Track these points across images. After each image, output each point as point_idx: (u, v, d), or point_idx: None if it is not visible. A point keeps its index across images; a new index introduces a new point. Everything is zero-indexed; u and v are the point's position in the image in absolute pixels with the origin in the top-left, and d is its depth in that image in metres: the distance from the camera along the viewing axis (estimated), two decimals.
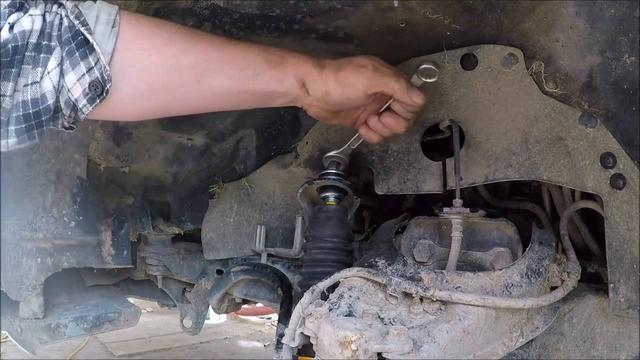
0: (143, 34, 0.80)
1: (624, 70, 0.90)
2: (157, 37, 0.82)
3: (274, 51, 0.93)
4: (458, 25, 1.03)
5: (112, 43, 0.76)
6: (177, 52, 0.83)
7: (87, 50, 0.74)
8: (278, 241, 1.54)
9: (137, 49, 0.79)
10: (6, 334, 1.44)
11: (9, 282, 1.29)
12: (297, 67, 0.94)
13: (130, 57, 0.79)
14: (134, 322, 1.66)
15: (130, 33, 0.78)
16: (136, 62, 0.80)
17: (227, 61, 0.87)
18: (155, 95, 0.85)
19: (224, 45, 0.88)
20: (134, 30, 0.79)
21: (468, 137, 1.12)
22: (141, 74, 0.81)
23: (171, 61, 0.82)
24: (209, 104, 0.93)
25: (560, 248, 1.12)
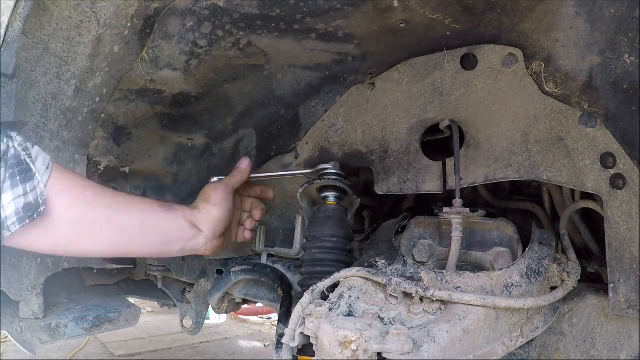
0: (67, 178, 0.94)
1: (624, 70, 0.90)
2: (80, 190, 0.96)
3: (164, 201, 1.15)
4: (458, 25, 1.03)
5: (45, 178, 0.87)
6: (93, 194, 0.98)
7: (27, 177, 0.83)
8: (278, 241, 1.54)
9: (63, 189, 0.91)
10: (6, 334, 1.44)
11: (9, 282, 1.29)
12: (182, 210, 1.13)
13: (58, 196, 0.90)
14: (134, 322, 1.66)
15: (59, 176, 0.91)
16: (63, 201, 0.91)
17: (130, 205, 1.05)
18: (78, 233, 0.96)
19: (126, 195, 1.11)
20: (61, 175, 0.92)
21: (468, 137, 1.12)
22: (68, 212, 0.93)
23: (89, 201, 0.96)
24: (116, 243, 1.05)
25: (560, 248, 1.12)
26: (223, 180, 1.25)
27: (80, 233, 0.96)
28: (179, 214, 1.12)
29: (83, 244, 0.98)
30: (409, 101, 1.20)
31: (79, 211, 0.94)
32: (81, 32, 1.01)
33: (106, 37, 1.04)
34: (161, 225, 1.08)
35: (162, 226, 1.08)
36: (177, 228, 1.11)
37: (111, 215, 0.99)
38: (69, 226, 0.93)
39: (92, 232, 0.97)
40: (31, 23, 0.94)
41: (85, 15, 0.99)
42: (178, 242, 1.12)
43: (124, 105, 1.28)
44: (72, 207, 0.93)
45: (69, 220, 0.93)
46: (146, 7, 1.03)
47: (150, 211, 1.07)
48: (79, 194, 0.95)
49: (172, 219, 1.10)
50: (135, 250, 1.08)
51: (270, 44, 1.13)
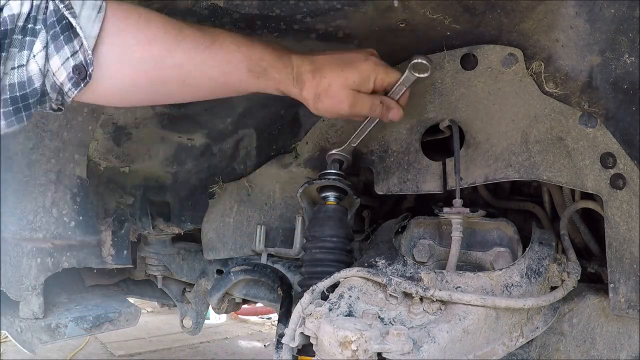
0: (127, 29, 0.81)
1: (624, 70, 0.90)
2: (142, 34, 0.83)
3: (258, 59, 0.93)
4: (458, 25, 1.03)
5: (97, 27, 0.77)
6: (161, 51, 0.84)
7: (72, 34, 0.75)
8: (278, 241, 1.54)
9: (122, 43, 0.80)
10: (6, 334, 1.44)
11: (9, 282, 1.29)
12: (278, 82, 0.97)
13: (115, 51, 0.80)
14: (134, 322, 1.66)
15: (116, 26, 0.79)
16: (120, 57, 0.81)
17: (210, 64, 0.89)
18: (139, 89, 0.86)
19: (209, 47, 0.88)
20: (120, 24, 0.80)
21: (468, 137, 1.12)
22: (125, 69, 0.82)
23: (155, 60, 0.84)
24: (192, 98, 0.97)
25: (560, 248, 1.12)
26: None
27: (143, 82, 0.85)
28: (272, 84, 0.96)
29: (148, 94, 0.89)
30: (409, 101, 1.20)
31: (141, 61, 0.83)
32: None
33: None
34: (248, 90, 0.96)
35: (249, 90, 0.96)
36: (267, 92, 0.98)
37: (184, 77, 0.88)
38: (130, 78, 0.83)
39: (158, 92, 0.88)
40: None
41: None
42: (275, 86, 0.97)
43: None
44: (133, 55, 0.82)
45: (129, 73, 0.83)
46: (146, 7, 1.03)
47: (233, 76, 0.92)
48: (142, 39, 0.82)
49: (262, 88, 0.97)
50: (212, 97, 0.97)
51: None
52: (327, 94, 0.97)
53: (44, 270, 1.36)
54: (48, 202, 1.31)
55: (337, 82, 0.96)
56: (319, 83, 0.96)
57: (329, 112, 1.01)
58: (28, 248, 1.33)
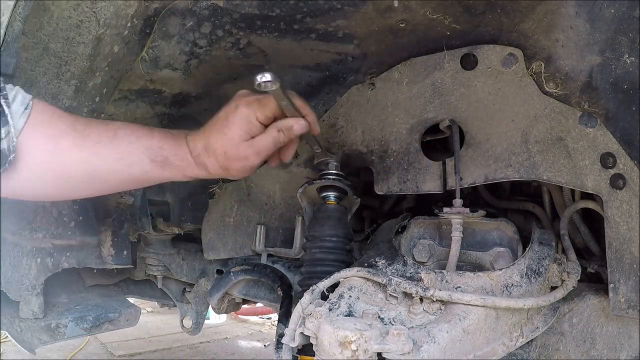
0: (44, 123, 0.85)
1: (624, 70, 0.90)
2: (54, 128, 0.87)
3: (158, 149, 0.95)
4: (458, 25, 1.03)
5: (22, 122, 0.81)
6: (69, 145, 0.87)
7: (1, 122, 0.78)
8: (278, 241, 1.54)
9: (35, 137, 0.84)
10: (6, 334, 1.44)
11: (9, 282, 1.29)
12: (183, 169, 0.98)
13: (29, 144, 0.83)
14: (134, 322, 1.66)
15: (35, 120, 0.83)
16: (34, 149, 0.84)
17: (114, 158, 0.91)
18: (46, 184, 0.89)
19: (112, 141, 0.91)
20: (38, 118, 0.84)
21: (468, 137, 1.12)
22: (36, 162, 0.85)
23: (62, 154, 0.87)
24: (100, 192, 0.99)
25: (560, 248, 1.12)
26: None
27: (49, 176, 0.88)
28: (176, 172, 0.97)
29: (57, 189, 0.92)
30: (409, 101, 1.20)
31: (49, 152, 0.85)
32: (81, 32, 1.01)
33: (106, 37, 1.04)
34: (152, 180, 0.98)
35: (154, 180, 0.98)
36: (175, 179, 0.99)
37: (91, 173, 0.90)
38: (40, 171, 0.86)
39: (67, 186, 0.91)
40: (31, 23, 0.94)
41: (85, 15, 0.99)
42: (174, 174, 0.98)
43: (124, 105, 1.28)
44: (45, 148, 0.85)
45: (39, 165, 0.85)
46: (146, 7, 1.03)
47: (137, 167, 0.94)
48: (54, 132, 0.86)
49: (167, 177, 0.98)
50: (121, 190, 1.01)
51: (270, 44, 1.12)
52: (230, 160, 0.96)
53: (44, 270, 1.36)
54: (48, 202, 1.31)
55: (228, 145, 0.95)
56: (216, 156, 0.96)
57: (244, 172, 1.00)
58: (28, 248, 1.33)
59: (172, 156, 0.96)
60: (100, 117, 1.26)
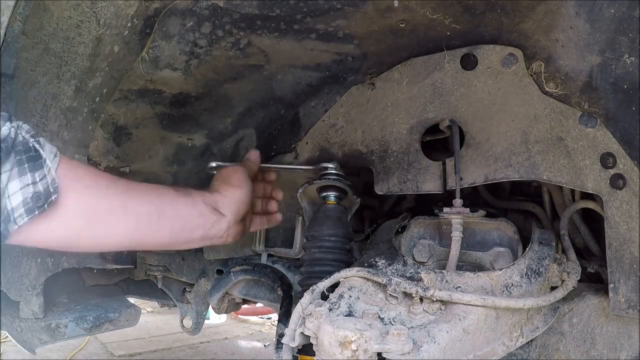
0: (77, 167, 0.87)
1: (624, 70, 0.90)
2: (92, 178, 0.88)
3: (179, 187, 1.05)
4: (458, 25, 1.03)
5: (55, 165, 0.79)
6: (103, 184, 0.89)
7: (36, 165, 0.75)
8: (278, 241, 1.54)
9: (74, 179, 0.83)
10: (6, 334, 1.44)
11: (9, 282, 1.29)
12: (201, 194, 1.06)
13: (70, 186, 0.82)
14: (134, 322, 1.66)
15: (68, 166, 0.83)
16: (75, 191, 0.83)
17: (145, 190, 0.97)
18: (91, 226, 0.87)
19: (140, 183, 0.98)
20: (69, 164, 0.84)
21: (468, 137, 1.12)
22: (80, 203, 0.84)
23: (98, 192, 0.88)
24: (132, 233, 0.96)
25: (560, 248, 1.12)
26: (240, 164, 1.20)
27: (94, 223, 0.87)
28: (198, 198, 1.04)
29: (97, 235, 0.90)
30: (409, 101, 1.20)
31: (92, 200, 0.86)
32: (81, 32, 1.01)
33: (106, 37, 1.04)
34: (180, 211, 1.00)
35: (181, 212, 1.00)
36: (197, 214, 1.03)
37: (126, 203, 0.91)
38: (81, 217, 0.85)
39: (106, 222, 0.89)
40: (31, 23, 0.94)
41: (85, 15, 0.99)
42: (199, 229, 1.04)
43: (124, 105, 1.28)
44: (83, 196, 0.84)
45: (81, 210, 0.84)
46: (146, 7, 1.03)
47: (167, 197, 0.99)
48: (91, 182, 0.87)
49: (191, 204, 1.02)
50: (153, 240, 1.00)
51: (270, 44, 1.12)
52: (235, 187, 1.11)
53: (44, 270, 1.36)
54: None
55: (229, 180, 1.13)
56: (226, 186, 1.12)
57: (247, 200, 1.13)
58: (28, 248, 1.33)
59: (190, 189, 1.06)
60: (101, 117, 1.26)
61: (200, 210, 1.03)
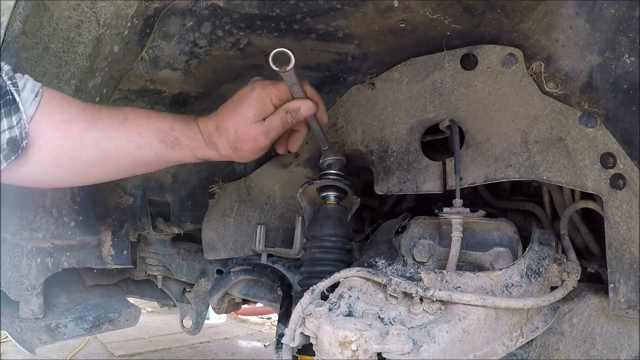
0: (54, 109, 0.86)
1: (624, 70, 0.90)
2: (65, 113, 0.88)
3: (168, 129, 0.96)
4: (458, 25, 1.03)
5: (33, 109, 0.82)
6: (79, 130, 0.88)
7: (12, 110, 0.78)
8: (278, 241, 1.54)
9: (47, 122, 0.85)
10: (6, 334, 1.44)
11: (9, 282, 1.29)
12: (192, 149, 0.99)
13: (41, 130, 0.84)
14: (134, 322, 1.66)
15: (44, 106, 0.84)
16: (46, 135, 0.85)
17: (125, 139, 0.93)
18: (59, 169, 0.90)
19: (122, 123, 0.93)
20: (49, 104, 0.85)
21: (468, 137, 1.12)
22: (49, 147, 0.86)
23: (74, 138, 0.88)
24: (113, 176, 0.99)
25: (560, 248, 1.12)
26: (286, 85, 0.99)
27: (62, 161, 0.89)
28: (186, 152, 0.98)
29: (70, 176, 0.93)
30: (409, 101, 1.20)
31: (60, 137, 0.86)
32: (81, 32, 1.01)
33: (106, 37, 1.04)
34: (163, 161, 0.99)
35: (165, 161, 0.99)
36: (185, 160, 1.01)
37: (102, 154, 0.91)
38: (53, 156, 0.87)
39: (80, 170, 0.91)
40: (31, 23, 0.94)
41: (85, 15, 0.99)
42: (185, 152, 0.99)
43: (124, 105, 1.28)
44: (56, 134, 0.86)
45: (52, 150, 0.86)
46: (146, 7, 1.03)
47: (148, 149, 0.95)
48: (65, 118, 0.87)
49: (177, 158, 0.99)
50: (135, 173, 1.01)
51: (270, 44, 1.12)
52: (240, 140, 0.97)
53: (44, 270, 1.36)
54: (48, 202, 1.31)
55: (240, 124, 0.97)
56: (227, 135, 0.97)
57: (253, 153, 1.01)
58: (28, 248, 1.33)
59: (182, 136, 0.97)
60: None
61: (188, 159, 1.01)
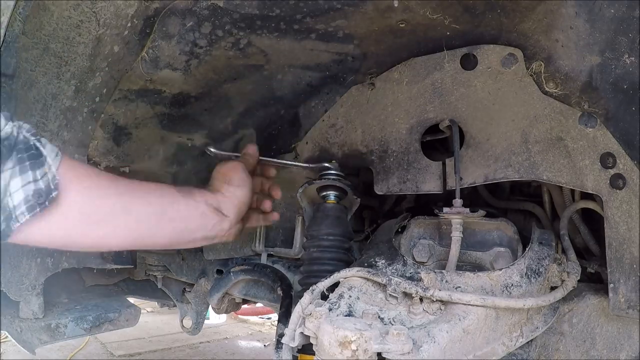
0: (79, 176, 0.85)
1: (624, 70, 0.90)
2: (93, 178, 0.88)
3: (181, 187, 1.04)
4: (458, 25, 1.03)
5: (56, 164, 0.79)
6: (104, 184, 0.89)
7: (37, 163, 0.76)
8: (278, 241, 1.54)
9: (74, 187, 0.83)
10: (6, 334, 1.44)
11: (9, 282, 1.29)
12: (202, 194, 1.05)
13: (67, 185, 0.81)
14: (134, 322, 1.66)
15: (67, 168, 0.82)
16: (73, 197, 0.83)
17: (146, 190, 0.96)
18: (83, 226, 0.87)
19: (141, 182, 0.97)
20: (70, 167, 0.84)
21: (468, 137, 1.12)
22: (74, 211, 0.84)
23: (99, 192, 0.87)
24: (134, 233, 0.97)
25: (560, 248, 1.12)
26: (238, 160, 1.17)
27: (94, 223, 0.87)
28: (200, 198, 1.03)
29: (97, 235, 0.90)
30: (409, 101, 1.20)
31: (92, 200, 0.86)
32: (81, 32, 1.01)
33: (106, 37, 1.04)
34: (182, 212, 1.00)
35: (182, 213, 1.00)
36: (199, 215, 1.03)
37: (127, 203, 0.91)
38: (82, 216, 0.85)
39: (106, 222, 0.89)
40: (31, 23, 0.94)
41: (85, 15, 0.99)
42: (200, 230, 1.04)
43: (124, 105, 1.28)
44: (84, 195, 0.84)
45: (83, 209, 0.85)
46: (146, 7, 1.03)
47: (169, 197, 0.99)
48: (92, 182, 0.87)
49: (193, 205, 1.02)
50: (154, 240, 1.00)
51: (270, 44, 1.12)
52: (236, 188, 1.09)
53: (44, 270, 1.36)
54: None
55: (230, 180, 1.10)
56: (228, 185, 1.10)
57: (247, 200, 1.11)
58: (28, 248, 1.33)
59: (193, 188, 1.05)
60: (100, 117, 1.26)
61: (202, 211, 1.03)
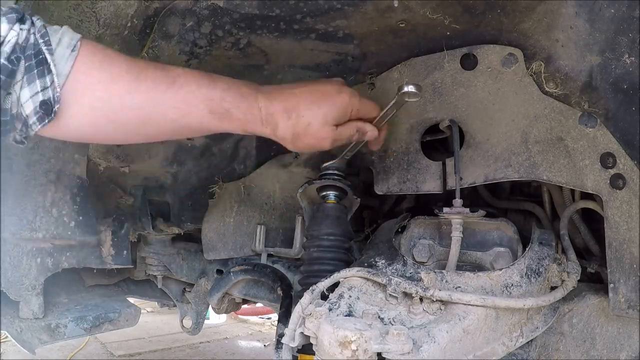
0: (94, 66, 0.81)
1: (624, 70, 0.90)
2: (106, 72, 0.82)
3: (219, 100, 0.90)
4: (458, 25, 1.03)
5: (69, 66, 0.77)
6: (121, 91, 0.82)
7: (45, 70, 0.75)
8: (278, 241, 1.54)
9: (86, 82, 0.80)
10: (6, 334, 1.44)
11: (9, 282, 1.29)
12: (244, 123, 0.93)
13: (79, 89, 0.79)
14: (134, 322, 1.66)
15: (84, 64, 0.79)
16: (82, 96, 0.80)
17: (170, 105, 0.86)
18: (98, 129, 0.85)
19: (169, 88, 0.86)
20: (87, 62, 0.80)
21: (468, 137, 1.12)
22: (85, 109, 0.81)
23: (114, 100, 0.82)
24: (152, 139, 0.94)
25: (560, 248, 1.12)
26: None
27: (100, 122, 0.83)
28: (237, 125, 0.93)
29: (102, 132, 0.86)
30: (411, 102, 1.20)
31: (98, 98, 0.81)
32: (81, 32, 1.01)
33: (106, 37, 1.04)
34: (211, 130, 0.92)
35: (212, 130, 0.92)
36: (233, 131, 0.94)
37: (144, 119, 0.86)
38: (89, 118, 0.82)
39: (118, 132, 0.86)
40: None
41: (85, 15, 0.99)
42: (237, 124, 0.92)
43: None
44: (94, 95, 0.81)
45: (88, 112, 0.81)
46: (146, 7, 1.03)
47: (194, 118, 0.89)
48: (105, 77, 0.81)
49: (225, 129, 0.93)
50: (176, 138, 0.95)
51: (270, 44, 1.13)
52: (307, 133, 0.95)
53: (44, 270, 1.36)
54: (48, 202, 1.31)
55: (317, 120, 0.94)
56: (297, 123, 0.94)
57: (309, 148, 1.00)
58: (28, 248, 1.33)
59: (234, 109, 0.91)
60: None
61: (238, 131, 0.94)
